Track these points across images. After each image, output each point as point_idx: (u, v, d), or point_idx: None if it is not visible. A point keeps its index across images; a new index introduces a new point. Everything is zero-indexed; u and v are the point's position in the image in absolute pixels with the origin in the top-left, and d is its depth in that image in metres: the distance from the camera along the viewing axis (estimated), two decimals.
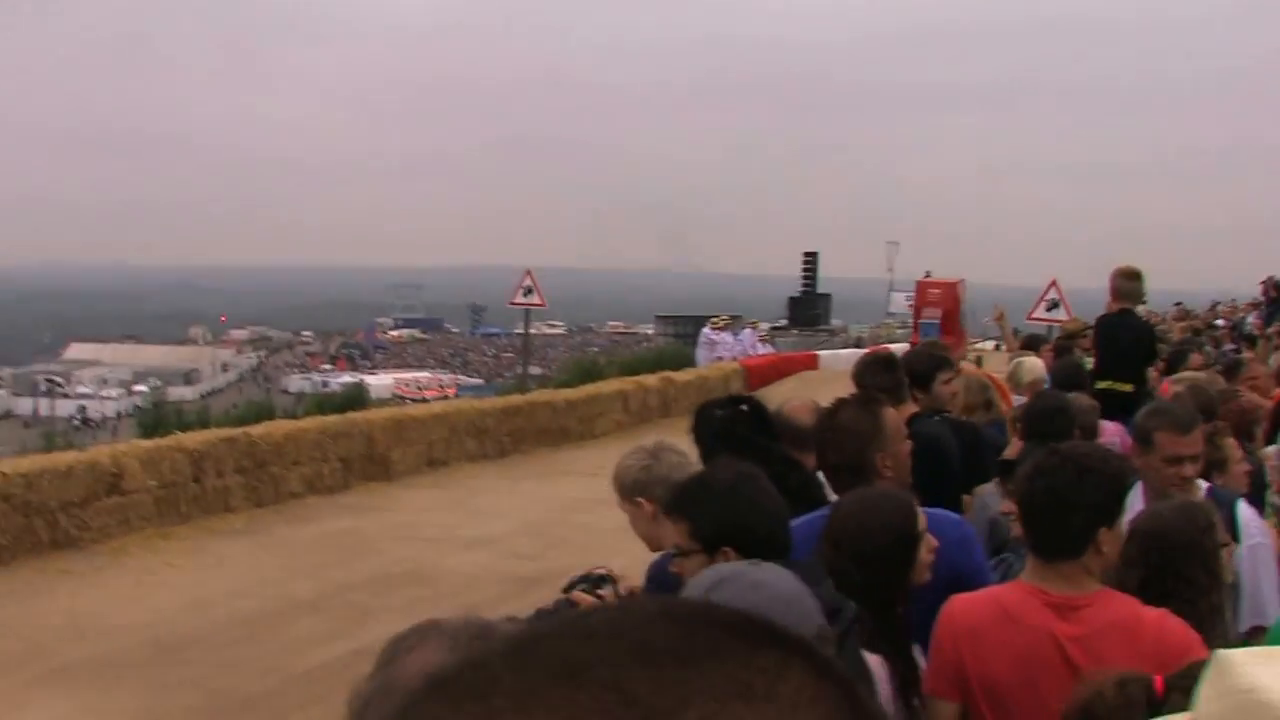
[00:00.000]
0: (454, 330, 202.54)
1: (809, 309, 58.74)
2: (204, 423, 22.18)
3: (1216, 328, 35.30)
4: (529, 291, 26.39)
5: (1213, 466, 6.71)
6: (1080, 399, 8.26)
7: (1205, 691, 2.79)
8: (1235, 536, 5.98)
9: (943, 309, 32.10)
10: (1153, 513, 4.95)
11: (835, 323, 64.81)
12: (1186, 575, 4.68)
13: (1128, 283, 11.49)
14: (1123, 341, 11.46)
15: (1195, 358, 13.01)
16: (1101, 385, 10.58)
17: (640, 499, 5.14)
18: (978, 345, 30.16)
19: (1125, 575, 4.67)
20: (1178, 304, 43.74)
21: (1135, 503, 5.67)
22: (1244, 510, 6.20)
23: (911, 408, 7.20)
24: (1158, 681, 3.27)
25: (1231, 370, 13.23)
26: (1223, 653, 2.84)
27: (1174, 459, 6.07)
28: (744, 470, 4.47)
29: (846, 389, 6.40)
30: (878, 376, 7.12)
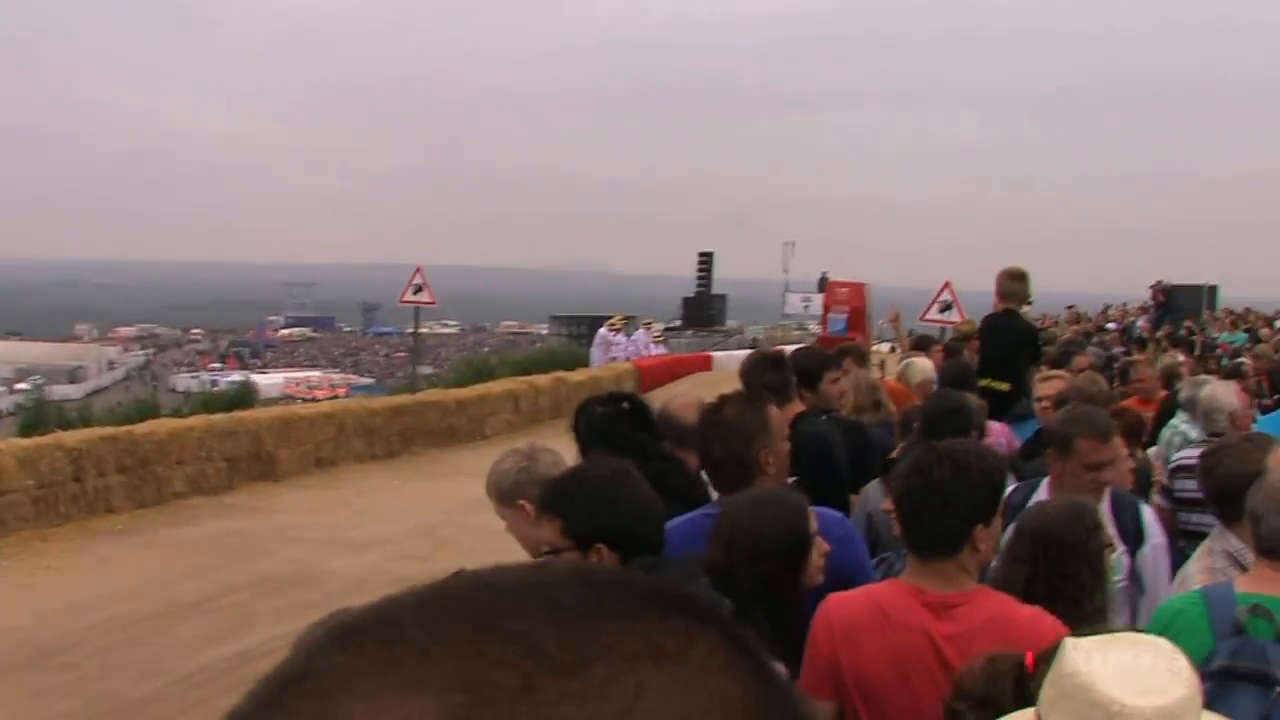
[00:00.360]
0: (346, 329, 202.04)
1: (704, 309, 59.06)
2: (86, 421, 21.86)
3: (1107, 330, 35.90)
4: (419, 289, 26.24)
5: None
6: (970, 399, 8.29)
7: (1046, 678, 2.94)
8: (1141, 537, 6.09)
9: (850, 307, 33.08)
10: (1040, 511, 4.99)
11: (731, 323, 65.17)
12: (1072, 574, 4.70)
13: (1011, 283, 11.59)
14: (1003, 341, 11.57)
15: (1080, 359, 13.12)
16: (980, 383, 10.64)
17: (521, 500, 5.08)
18: (874, 347, 30.51)
19: (1011, 572, 4.72)
20: (1070, 307, 44.54)
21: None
22: (1147, 512, 6.31)
23: (799, 406, 7.24)
24: (1029, 658, 3.32)
25: (1123, 374, 13.42)
26: (1067, 640, 2.95)
27: (1093, 465, 6.12)
28: (617, 466, 4.46)
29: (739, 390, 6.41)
30: (765, 375, 7.15)
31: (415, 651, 0.74)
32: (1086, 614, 4.64)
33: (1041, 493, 6.13)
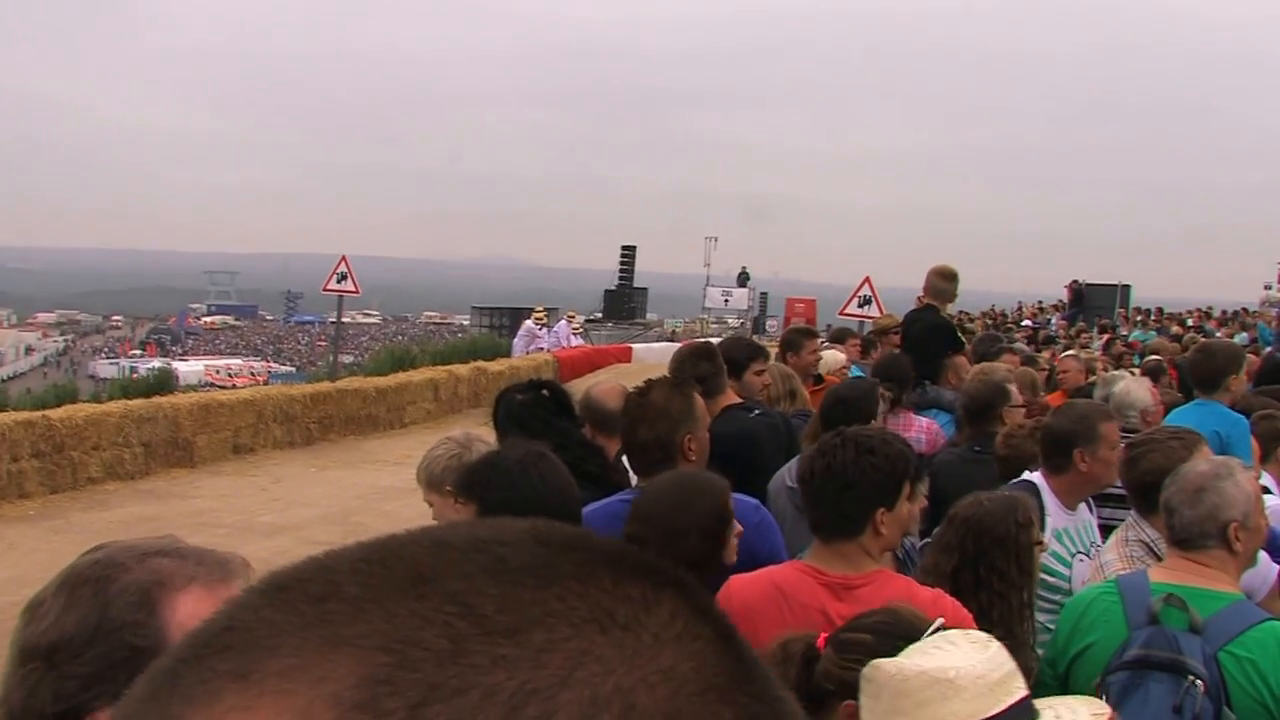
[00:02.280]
0: (269, 318, 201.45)
1: (624, 303, 59.21)
2: (1, 406, 21.65)
3: (1020, 328, 36.30)
4: (343, 278, 26.14)
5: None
6: (862, 384, 8.32)
7: (865, 702, 3.04)
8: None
9: (805, 319, 37.25)
10: (974, 501, 4.98)
11: (651, 316, 65.36)
12: (999, 568, 4.74)
13: (940, 281, 11.60)
14: (917, 335, 11.61)
15: (1010, 357, 13.13)
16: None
17: (449, 487, 5.07)
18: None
19: (940, 560, 4.77)
20: (992, 306, 45.30)
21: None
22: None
23: (731, 398, 7.32)
24: (820, 639, 3.41)
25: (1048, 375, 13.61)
26: (869, 665, 3.07)
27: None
28: (532, 450, 4.46)
29: None
30: (696, 365, 7.19)
31: (345, 607, 0.71)
32: (1013, 608, 4.70)
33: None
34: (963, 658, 2.89)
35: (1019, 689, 2.87)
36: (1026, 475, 6.30)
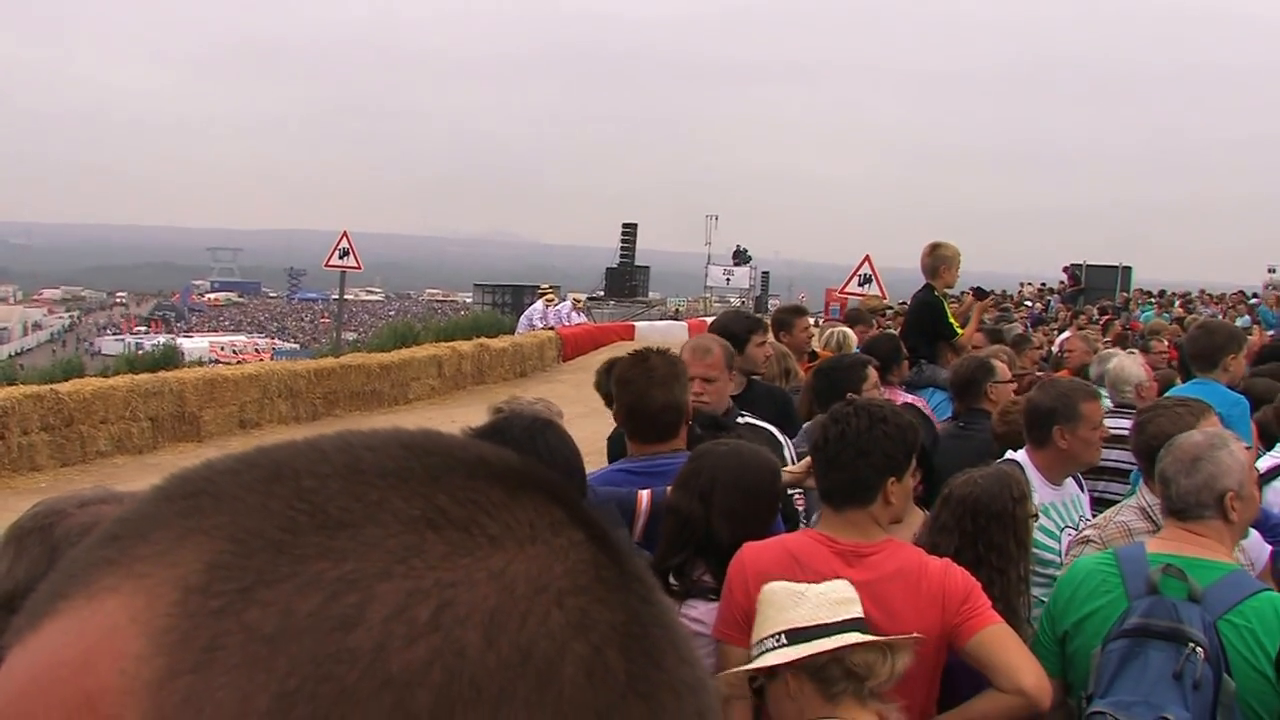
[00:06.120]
0: (272, 294, 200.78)
1: (626, 280, 59.07)
2: (10, 379, 21.67)
3: (1022, 308, 36.32)
4: (345, 254, 26.05)
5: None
6: (847, 359, 8.40)
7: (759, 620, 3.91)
8: None
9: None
10: (968, 480, 5.03)
11: (654, 295, 65.22)
12: (998, 543, 4.82)
13: (927, 258, 11.47)
14: (911, 315, 11.63)
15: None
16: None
17: None
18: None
19: (940, 541, 4.81)
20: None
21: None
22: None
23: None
24: None
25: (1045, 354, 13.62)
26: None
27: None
28: (539, 418, 4.51)
29: None
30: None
31: (210, 501, 0.75)
32: (1011, 581, 4.77)
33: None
34: (817, 585, 3.91)
35: (856, 610, 3.81)
36: (1010, 454, 6.39)
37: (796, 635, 3.74)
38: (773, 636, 3.78)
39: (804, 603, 3.82)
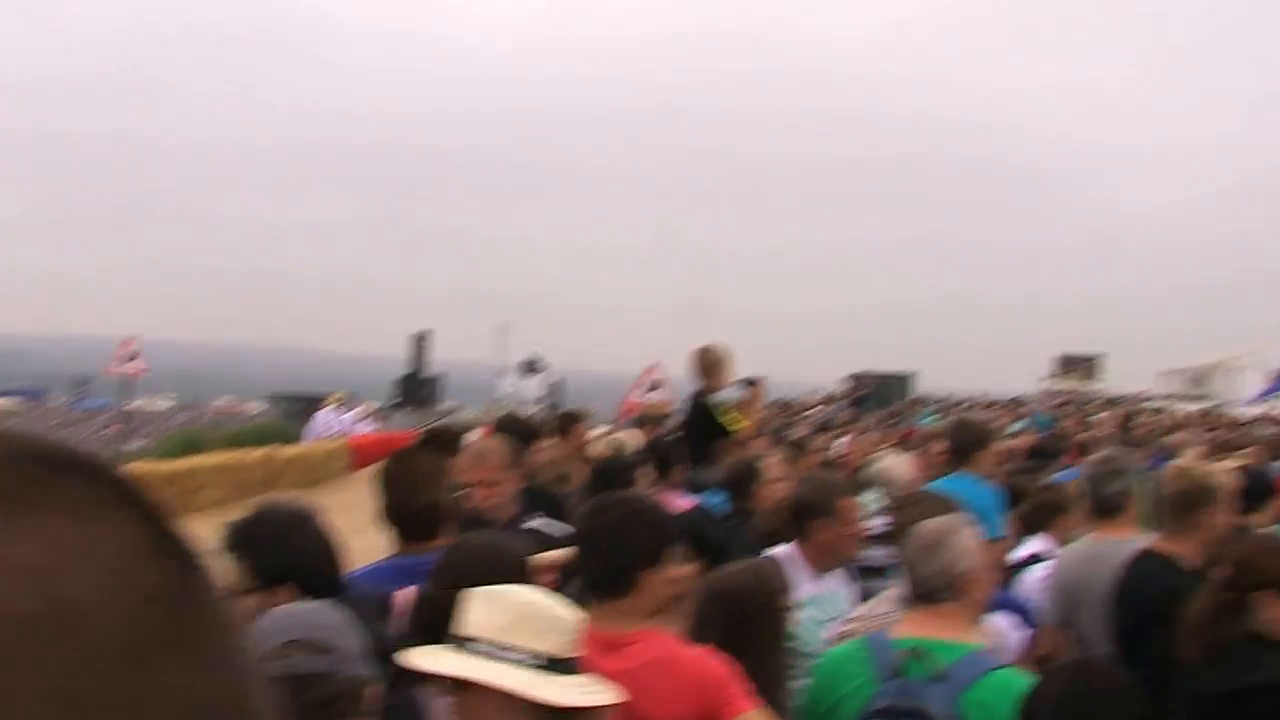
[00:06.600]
0: (58, 402, 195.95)
1: (420, 389, 58.85)
2: None
3: (804, 417, 36.86)
4: (131, 359, 25.65)
5: None
6: (623, 459, 8.61)
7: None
8: None
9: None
10: (727, 574, 5.15)
11: (451, 402, 64.95)
12: (758, 634, 4.91)
13: (695, 362, 11.52)
14: (688, 419, 11.80)
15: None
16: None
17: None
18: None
19: (702, 635, 4.83)
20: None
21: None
22: None
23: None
24: None
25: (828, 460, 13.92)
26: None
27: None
28: (298, 509, 4.56)
29: None
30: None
31: None
32: (772, 671, 4.86)
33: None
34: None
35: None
36: (772, 550, 6.58)
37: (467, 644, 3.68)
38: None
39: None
